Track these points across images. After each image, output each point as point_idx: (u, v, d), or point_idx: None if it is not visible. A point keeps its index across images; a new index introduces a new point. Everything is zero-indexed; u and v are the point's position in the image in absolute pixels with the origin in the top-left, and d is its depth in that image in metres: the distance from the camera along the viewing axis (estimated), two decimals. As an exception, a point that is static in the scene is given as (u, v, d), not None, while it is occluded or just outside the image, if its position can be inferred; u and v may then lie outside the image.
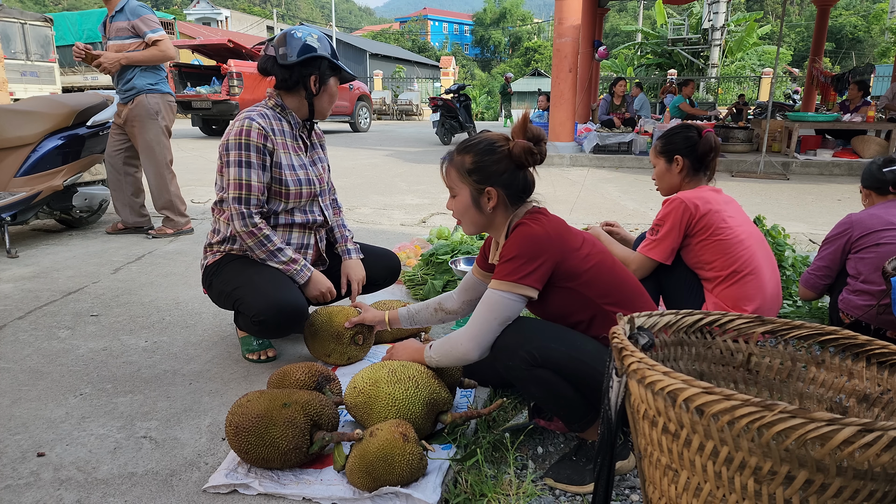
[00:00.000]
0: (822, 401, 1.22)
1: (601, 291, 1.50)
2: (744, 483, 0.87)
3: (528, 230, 1.49)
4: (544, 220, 1.52)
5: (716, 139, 2.16)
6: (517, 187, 1.54)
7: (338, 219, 2.36)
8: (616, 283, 1.54)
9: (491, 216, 1.57)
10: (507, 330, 1.49)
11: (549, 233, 1.48)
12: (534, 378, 1.44)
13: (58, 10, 44.67)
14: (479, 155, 1.53)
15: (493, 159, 1.52)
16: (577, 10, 9.13)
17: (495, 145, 1.53)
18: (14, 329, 2.44)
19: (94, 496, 1.41)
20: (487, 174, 1.52)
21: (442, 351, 1.59)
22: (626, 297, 1.54)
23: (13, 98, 12.12)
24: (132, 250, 3.71)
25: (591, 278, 1.50)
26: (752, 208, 5.10)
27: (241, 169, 1.98)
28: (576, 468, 1.51)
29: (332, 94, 2.13)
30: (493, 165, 1.52)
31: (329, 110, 2.17)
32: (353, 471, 1.40)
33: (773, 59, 13.19)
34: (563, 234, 1.51)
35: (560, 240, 1.49)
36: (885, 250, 2.10)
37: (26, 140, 3.58)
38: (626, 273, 1.60)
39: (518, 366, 1.45)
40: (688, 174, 2.16)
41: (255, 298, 1.93)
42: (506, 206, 1.56)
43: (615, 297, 1.51)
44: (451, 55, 43.25)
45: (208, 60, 13.86)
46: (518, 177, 1.54)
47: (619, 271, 1.58)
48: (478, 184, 1.53)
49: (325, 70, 2.07)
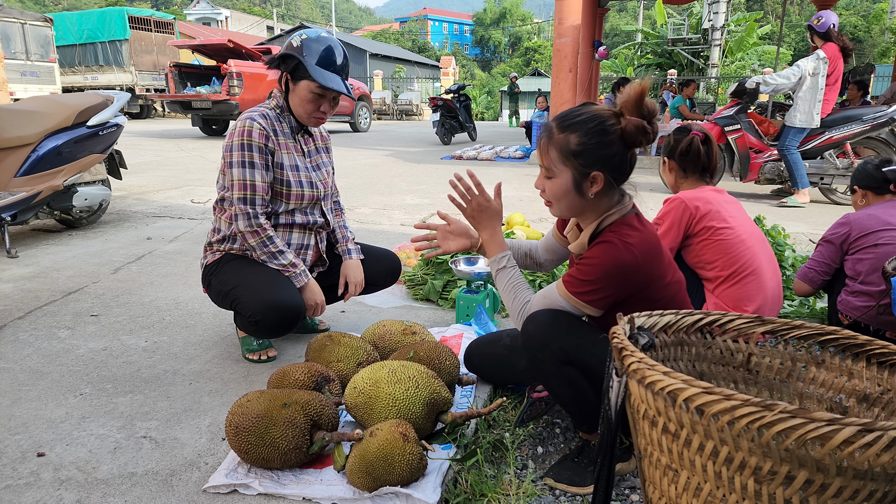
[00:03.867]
0: (822, 401, 1.22)
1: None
2: (744, 483, 0.87)
3: (619, 256, 1.34)
4: (638, 244, 1.36)
5: (695, 141, 2.16)
6: (623, 170, 1.39)
7: (339, 220, 2.36)
8: (676, 305, 1.44)
9: (593, 201, 1.41)
10: (543, 320, 1.41)
11: (638, 263, 1.35)
12: (561, 375, 1.42)
13: (58, 10, 44.68)
14: (588, 136, 1.35)
15: (604, 141, 1.34)
16: (577, 10, 9.12)
17: (607, 124, 1.34)
18: (14, 329, 2.44)
19: (94, 496, 1.41)
20: (596, 157, 1.35)
21: (505, 286, 1.52)
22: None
23: (13, 98, 12.12)
24: (132, 250, 3.71)
25: (661, 306, 1.38)
26: (752, 208, 5.10)
27: (244, 169, 1.98)
28: (577, 469, 1.50)
29: (302, 100, 2.01)
30: (603, 148, 1.35)
31: (305, 115, 2.04)
32: (353, 471, 1.40)
33: (773, 59, 13.18)
34: (652, 261, 1.38)
35: (648, 268, 1.37)
36: (884, 251, 2.09)
37: (26, 140, 3.58)
38: (685, 296, 1.53)
39: (548, 359, 1.41)
40: (678, 175, 2.22)
41: (252, 298, 1.93)
42: (605, 192, 1.40)
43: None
44: (451, 55, 43.27)
45: (208, 60, 13.87)
46: (627, 158, 1.38)
47: (683, 295, 1.50)
48: (584, 167, 1.36)
49: (296, 71, 1.99)
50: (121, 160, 4.39)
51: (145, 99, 18.36)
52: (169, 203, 5.29)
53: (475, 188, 1.59)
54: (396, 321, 2.03)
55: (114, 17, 17.86)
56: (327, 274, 2.30)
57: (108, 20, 17.91)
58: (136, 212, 4.89)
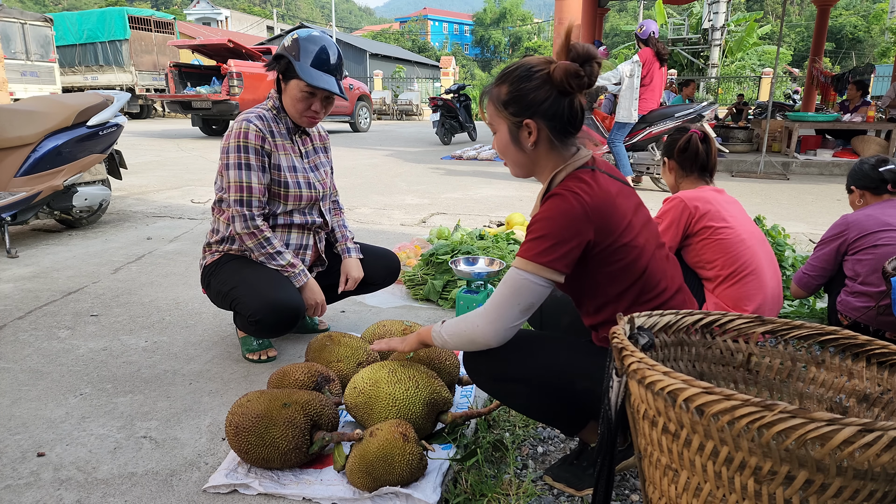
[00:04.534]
0: (822, 401, 1.22)
1: (629, 286, 1.33)
2: (744, 483, 0.87)
3: (565, 205, 1.28)
4: (587, 191, 1.30)
5: (693, 140, 2.16)
6: (562, 119, 1.32)
7: (338, 219, 2.36)
8: (649, 280, 1.35)
9: (534, 155, 1.37)
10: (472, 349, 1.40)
11: (587, 211, 1.28)
12: (505, 392, 1.42)
13: (58, 10, 44.68)
14: (516, 83, 1.33)
15: (530, 86, 1.31)
16: (577, 10, 9.14)
17: (533, 70, 1.31)
18: (14, 329, 2.44)
19: (94, 496, 1.41)
20: (525, 104, 1.32)
21: (455, 331, 1.38)
22: (652, 295, 1.36)
23: (13, 98, 12.13)
24: (132, 250, 3.71)
25: (623, 272, 1.32)
26: (752, 208, 5.10)
27: (240, 171, 1.98)
28: (575, 472, 1.50)
29: (293, 100, 2.00)
30: (530, 93, 1.31)
31: (298, 117, 2.05)
32: (353, 471, 1.40)
33: (773, 59, 13.19)
34: (602, 213, 1.30)
35: (599, 219, 1.29)
36: (883, 251, 2.09)
37: (26, 140, 3.58)
38: (669, 272, 1.41)
39: (485, 381, 1.43)
40: (678, 175, 2.22)
41: (251, 298, 1.93)
42: (550, 143, 1.35)
43: (636, 295, 1.35)
44: (451, 55, 43.23)
45: (208, 60, 13.87)
46: (562, 106, 1.31)
47: (655, 268, 1.37)
48: (514, 116, 1.34)
49: (287, 71, 1.99)
50: (121, 160, 4.39)
51: (145, 99, 18.36)
52: (169, 203, 5.29)
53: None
54: (396, 321, 2.03)
55: (114, 17, 17.86)
56: (327, 274, 2.30)
57: (108, 20, 17.91)
58: (136, 212, 4.89)
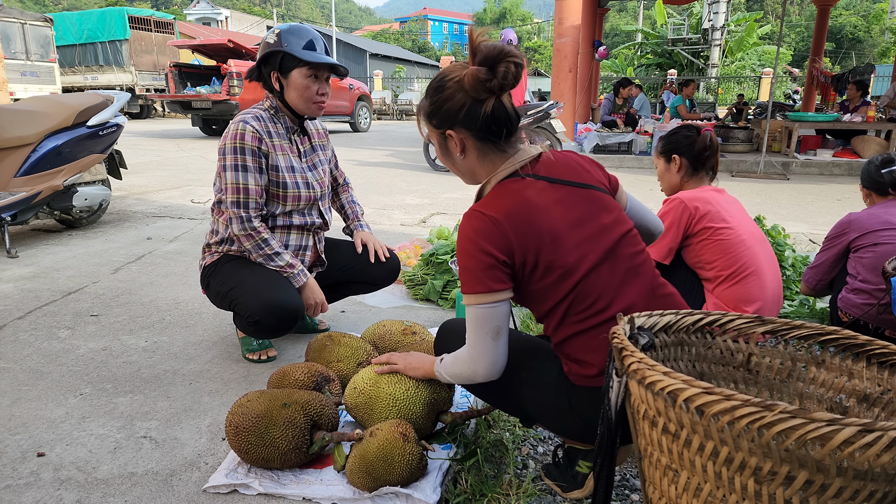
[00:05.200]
0: (822, 401, 1.22)
1: (556, 304, 1.27)
2: (744, 483, 0.87)
3: (472, 228, 1.24)
4: (499, 207, 1.24)
5: (713, 138, 2.16)
6: (483, 125, 1.27)
7: (347, 195, 2.40)
8: (580, 297, 1.25)
9: (467, 163, 1.34)
10: (438, 332, 1.52)
11: (497, 229, 1.22)
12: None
13: (58, 10, 44.69)
14: (433, 94, 1.30)
15: (444, 97, 1.28)
16: (577, 10, 9.13)
17: (445, 80, 1.28)
18: (14, 329, 2.44)
19: (94, 496, 1.41)
20: (443, 116, 1.29)
21: (452, 372, 1.39)
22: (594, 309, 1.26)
23: (13, 98, 12.13)
24: (132, 250, 3.71)
25: (545, 287, 1.25)
26: (752, 208, 5.10)
27: (237, 173, 1.97)
28: (562, 471, 1.49)
29: (298, 88, 1.98)
30: (445, 104, 1.28)
31: (307, 106, 2.03)
32: (353, 471, 1.40)
33: (773, 59, 13.20)
34: (520, 230, 1.23)
35: (516, 236, 1.22)
36: (884, 250, 2.10)
37: (26, 140, 3.58)
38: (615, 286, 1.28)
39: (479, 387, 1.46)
40: (686, 173, 2.19)
41: (250, 299, 1.93)
42: (479, 151, 1.31)
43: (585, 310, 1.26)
44: (451, 55, 43.23)
45: (208, 60, 13.87)
46: (479, 112, 1.25)
47: (598, 284, 1.26)
48: (437, 128, 1.32)
49: (284, 64, 1.98)
50: (121, 160, 4.39)
51: (145, 99, 18.36)
52: (169, 203, 5.29)
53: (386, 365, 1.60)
54: (396, 321, 2.03)
55: (114, 17, 17.86)
56: (326, 274, 2.29)
57: (108, 20, 17.91)
58: (136, 212, 4.89)
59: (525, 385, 1.37)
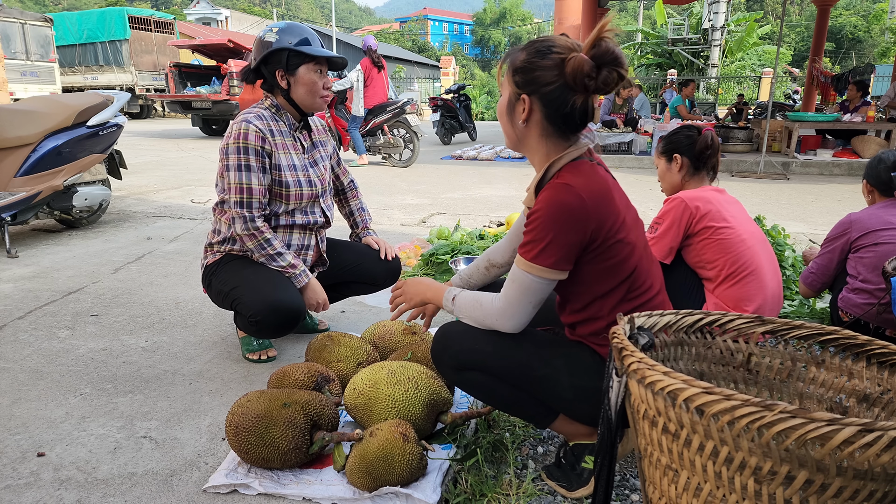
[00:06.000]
0: (822, 401, 1.22)
1: (618, 284, 1.33)
2: (744, 483, 0.87)
3: (563, 199, 1.25)
4: (581, 186, 1.27)
5: (714, 137, 2.16)
6: (561, 111, 1.27)
7: (357, 202, 2.44)
8: (637, 278, 1.34)
9: (523, 132, 1.34)
10: (438, 335, 1.45)
11: (586, 207, 1.25)
12: (465, 381, 1.43)
13: (58, 10, 44.68)
14: (532, 54, 1.27)
15: (541, 63, 1.25)
16: (577, 10, 9.14)
17: (552, 48, 1.25)
18: (14, 329, 2.44)
19: (94, 496, 1.41)
20: (530, 78, 1.27)
21: (469, 311, 1.39)
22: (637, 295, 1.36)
23: (13, 98, 12.12)
24: (132, 250, 3.71)
25: (617, 269, 1.31)
26: (752, 208, 5.10)
27: (240, 173, 1.98)
28: (565, 472, 1.49)
29: (307, 84, 2.00)
30: (538, 70, 1.26)
31: (315, 101, 2.04)
32: (353, 471, 1.40)
33: (773, 59, 13.19)
34: (600, 205, 1.28)
35: (598, 213, 1.27)
36: (884, 250, 2.10)
37: (26, 140, 3.58)
38: (654, 272, 1.41)
39: (446, 372, 1.45)
40: (688, 172, 2.18)
41: (252, 298, 1.93)
42: (541, 130, 1.32)
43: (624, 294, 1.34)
44: (451, 55, 43.26)
45: (208, 60, 13.89)
46: (566, 99, 1.26)
47: (646, 267, 1.37)
48: (517, 86, 1.30)
49: (289, 61, 1.98)
50: (121, 160, 4.39)
51: (145, 99, 18.37)
52: (169, 203, 5.29)
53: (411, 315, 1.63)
54: (396, 321, 2.03)
55: (114, 17, 17.87)
56: (328, 274, 2.30)
57: (108, 20, 17.93)
58: (136, 212, 4.89)
59: (562, 373, 1.37)
